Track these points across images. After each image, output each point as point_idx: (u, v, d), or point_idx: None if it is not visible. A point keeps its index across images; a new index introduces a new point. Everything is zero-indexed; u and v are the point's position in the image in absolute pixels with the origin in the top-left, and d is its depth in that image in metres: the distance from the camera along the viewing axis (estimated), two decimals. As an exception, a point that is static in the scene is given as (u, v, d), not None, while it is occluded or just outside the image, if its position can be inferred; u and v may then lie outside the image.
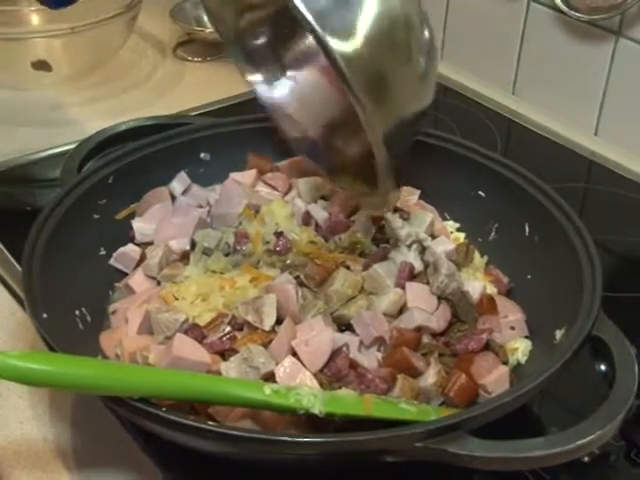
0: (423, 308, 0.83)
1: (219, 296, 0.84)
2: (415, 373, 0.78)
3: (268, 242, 0.90)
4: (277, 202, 0.94)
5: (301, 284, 0.85)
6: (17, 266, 0.96)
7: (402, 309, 0.84)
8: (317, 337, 0.77)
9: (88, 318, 0.85)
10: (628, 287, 0.99)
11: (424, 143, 1.01)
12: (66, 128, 1.26)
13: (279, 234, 0.90)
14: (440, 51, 1.47)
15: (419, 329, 0.81)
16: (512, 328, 0.85)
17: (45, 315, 0.76)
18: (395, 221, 0.89)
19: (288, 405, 0.69)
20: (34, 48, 1.32)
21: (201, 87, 1.41)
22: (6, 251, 1.01)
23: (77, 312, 0.85)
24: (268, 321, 0.79)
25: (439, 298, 0.85)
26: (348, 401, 0.71)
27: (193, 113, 1.28)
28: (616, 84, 1.24)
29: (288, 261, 0.87)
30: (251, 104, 1.33)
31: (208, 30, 1.50)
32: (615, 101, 1.25)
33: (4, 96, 1.35)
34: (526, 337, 0.86)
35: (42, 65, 1.32)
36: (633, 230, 1.10)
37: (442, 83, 1.42)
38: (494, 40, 1.38)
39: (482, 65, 1.42)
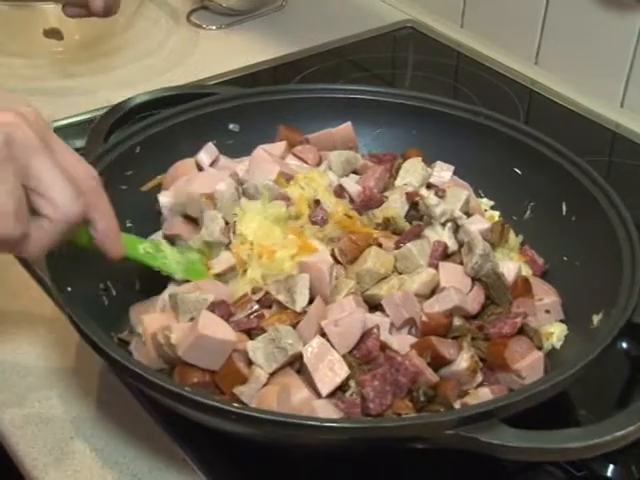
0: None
1: (257, 266, 0.82)
2: (444, 362, 0.75)
3: (309, 206, 0.87)
4: (315, 172, 0.91)
5: (334, 258, 0.82)
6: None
7: (434, 290, 0.81)
8: (347, 318, 0.75)
9: (113, 292, 0.84)
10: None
11: (458, 117, 0.99)
12: (78, 97, 1.24)
13: (317, 202, 0.87)
14: (460, 19, 1.43)
15: (450, 314, 0.79)
16: (547, 312, 0.83)
17: (70, 289, 0.75)
18: (430, 198, 0.86)
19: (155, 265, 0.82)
20: (46, 15, 1.29)
21: (216, 56, 1.38)
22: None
23: (102, 285, 0.83)
24: (300, 302, 0.77)
25: (473, 279, 0.82)
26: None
27: (209, 82, 1.26)
28: (644, 56, 1.19)
29: (325, 232, 0.85)
30: (269, 74, 1.32)
31: (223, -3, 1.47)
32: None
33: (15, 64, 1.32)
34: (561, 321, 0.84)
35: (54, 33, 1.30)
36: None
37: (462, 52, 1.39)
38: (517, 8, 1.34)
39: (504, 34, 1.37)
